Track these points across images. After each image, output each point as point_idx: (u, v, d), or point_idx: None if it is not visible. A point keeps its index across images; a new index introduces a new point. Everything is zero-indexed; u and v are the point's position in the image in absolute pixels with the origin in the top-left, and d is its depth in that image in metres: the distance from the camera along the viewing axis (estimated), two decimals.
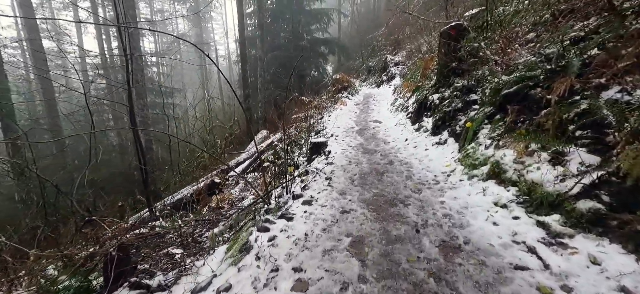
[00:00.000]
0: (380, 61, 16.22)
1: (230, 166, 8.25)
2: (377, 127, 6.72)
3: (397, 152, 4.65)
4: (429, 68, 7.47)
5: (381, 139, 5.66)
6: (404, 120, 6.60)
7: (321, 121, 9.04)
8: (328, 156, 4.70)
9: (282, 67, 16.48)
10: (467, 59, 5.14)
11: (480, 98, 4.33)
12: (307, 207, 2.87)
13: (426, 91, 6.04)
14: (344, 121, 7.96)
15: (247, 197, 5.35)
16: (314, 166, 4.40)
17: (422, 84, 6.86)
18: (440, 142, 4.53)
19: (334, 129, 6.88)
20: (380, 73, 15.35)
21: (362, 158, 4.47)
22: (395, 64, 14.37)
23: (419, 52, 12.66)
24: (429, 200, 2.93)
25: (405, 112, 7.07)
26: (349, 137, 5.99)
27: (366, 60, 20.33)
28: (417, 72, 9.27)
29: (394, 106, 8.42)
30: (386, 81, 13.86)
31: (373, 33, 21.89)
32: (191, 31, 27.38)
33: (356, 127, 7.01)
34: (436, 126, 4.90)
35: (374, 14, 26.64)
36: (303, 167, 5.11)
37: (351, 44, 25.61)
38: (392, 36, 17.76)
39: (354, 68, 21.87)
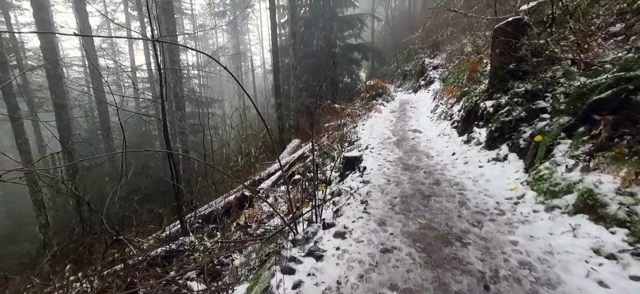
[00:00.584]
0: (417, 65, 15.27)
1: (261, 177, 8.07)
2: (417, 138, 6.04)
3: (444, 170, 3.99)
4: (477, 70, 6.62)
5: (423, 152, 5.00)
6: (449, 130, 5.85)
7: (355, 130, 8.52)
8: (363, 172, 4.18)
9: (314, 74, 16.27)
10: (530, 59, 4.32)
11: (552, 105, 3.53)
12: (339, 242, 2.39)
13: (476, 97, 5.26)
14: (380, 130, 7.36)
15: (276, 214, 5.02)
16: (348, 185, 3.92)
17: (469, 89, 6.06)
18: (498, 158, 3.79)
19: (369, 139, 6.33)
20: (417, 78, 14.42)
21: (402, 176, 3.89)
22: (434, 67, 13.39)
23: (462, 53, 11.62)
24: (495, 238, 2.29)
25: (450, 121, 6.29)
26: (385, 149, 5.40)
27: (401, 64, 19.41)
28: (461, 75, 8.37)
29: (435, 114, 7.63)
30: (424, 86, 12.93)
31: (408, 36, 20.90)
32: (229, 43, 28.54)
33: (393, 137, 6.39)
34: (492, 138, 4.14)
35: (410, 16, 25.54)
36: (335, 183, 4.65)
37: (385, 48, 24.77)
38: (429, 38, 16.71)
39: (389, 73, 21.04)
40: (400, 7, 30.58)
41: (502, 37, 4.58)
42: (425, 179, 3.71)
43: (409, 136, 6.29)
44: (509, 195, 2.96)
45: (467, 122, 5.23)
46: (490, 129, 4.25)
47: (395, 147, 5.47)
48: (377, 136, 6.63)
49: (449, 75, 10.69)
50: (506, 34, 4.53)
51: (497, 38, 4.70)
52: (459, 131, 5.44)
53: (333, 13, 17.06)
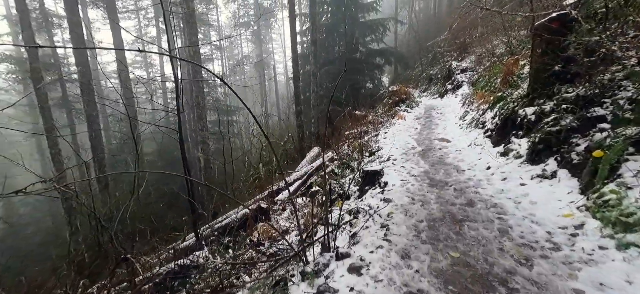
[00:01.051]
0: (443, 68, 14.50)
1: (279, 187, 7.85)
2: (444, 149, 5.51)
3: (479, 187, 3.48)
4: (513, 73, 5.96)
5: (452, 165, 4.49)
6: (481, 139, 5.26)
7: (376, 138, 8.08)
8: (384, 188, 3.77)
9: (335, 81, 16.00)
10: (580, 59, 3.72)
11: (613, 114, 2.93)
12: (354, 280, 2.03)
13: (513, 103, 4.67)
14: (403, 139, 6.88)
15: (289, 233, 4.73)
16: (367, 202, 3.53)
17: (504, 94, 5.44)
18: (544, 175, 3.22)
19: (391, 150, 5.88)
20: (443, 82, 13.66)
21: (428, 194, 3.44)
22: (462, 70, 12.59)
23: (493, 55, 10.79)
24: (552, 284, 1.81)
25: (482, 129, 5.69)
26: (409, 161, 4.94)
27: (426, 68, 18.61)
28: (493, 78, 7.67)
29: (465, 121, 7.01)
30: (451, 90, 12.18)
31: (433, 39, 20.06)
32: (253, 52, 29.15)
33: (418, 147, 5.90)
34: (535, 150, 3.57)
35: (435, 19, 24.62)
36: (354, 199, 4.27)
37: (409, 52, 24.01)
38: (456, 40, 15.85)
39: (413, 78, 20.28)
40: (425, 10, 29.64)
41: (545, 35, 4.00)
42: (456, 199, 3.23)
43: (436, 146, 5.76)
44: (563, 223, 2.43)
45: (503, 132, 4.65)
46: (532, 141, 3.67)
47: (421, 159, 4.99)
48: (400, 146, 6.16)
49: (480, 78, 9.94)
50: (550, 32, 3.95)
51: (539, 36, 4.12)
52: (493, 141, 4.85)
53: (355, 18, 16.76)
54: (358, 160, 6.09)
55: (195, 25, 8.91)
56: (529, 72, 4.71)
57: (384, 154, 5.71)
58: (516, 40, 8.60)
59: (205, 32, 27.81)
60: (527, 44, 7.88)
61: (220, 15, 26.69)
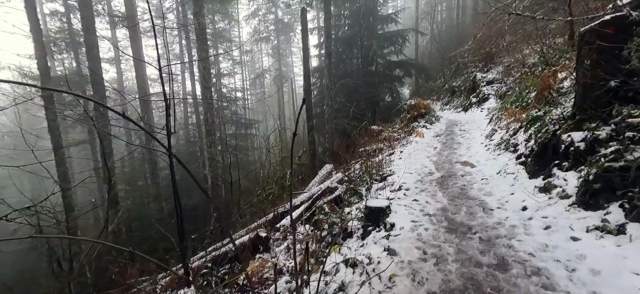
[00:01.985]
0: (467, 80, 13.44)
1: (286, 209, 7.28)
2: (468, 175, 4.67)
3: (513, 238, 2.67)
4: (550, 87, 5.04)
5: (477, 199, 3.67)
6: (513, 166, 4.38)
7: (391, 158, 7.32)
8: (390, 232, 3.05)
9: (352, 95, 15.40)
10: None
11: None
12: None
13: (554, 125, 3.79)
14: (420, 160, 6.08)
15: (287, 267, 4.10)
16: (367, 251, 2.84)
17: (541, 113, 4.54)
18: (606, 228, 2.37)
19: (404, 175, 5.12)
20: (467, 94, 12.60)
21: (446, 245, 2.68)
22: (488, 82, 11.52)
23: (524, 65, 9.70)
24: None
25: (513, 153, 4.79)
26: (424, 192, 4.17)
27: (449, 80, 17.52)
28: (525, 92, 6.70)
29: (492, 141, 6.09)
30: (476, 104, 11.13)
31: (457, 50, 18.94)
32: (272, 66, 29.39)
33: (436, 172, 5.09)
34: (589, 191, 2.71)
35: (458, 29, 23.44)
36: (356, 238, 3.58)
37: (431, 64, 22.95)
38: (482, 50, 14.73)
39: (435, 89, 19.21)
40: (447, 20, 28.48)
41: (596, 42, 3.16)
42: (483, 256, 2.46)
43: (457, 172, 4.93)
44: None
45: (541, 160, 3.77)
46: (585, 177, 2.82)
47: (438, 190, 4.21)
48: (415, 170, 5.39)
49: (509, 91, 8.91)
50: (602, 39, 3.11)
51: (588, 44, 3.28)
52: (528, 170, 3.97)
53: (373, 30, 16.20)
54: (367, 185, 5.38)
55: (205, 40, 8.75)
56: (573, 87, 3.83)
57: (395, 180, 4.97)
58: (552, 49, 7.57)
59: (227, 48, 28.51)
60: (564, 53, 6.86)
61: (241, 30, 27.23)
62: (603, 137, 2.93)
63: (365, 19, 15.99)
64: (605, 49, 3.09)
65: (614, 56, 3.04)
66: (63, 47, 11.73)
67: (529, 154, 4.16)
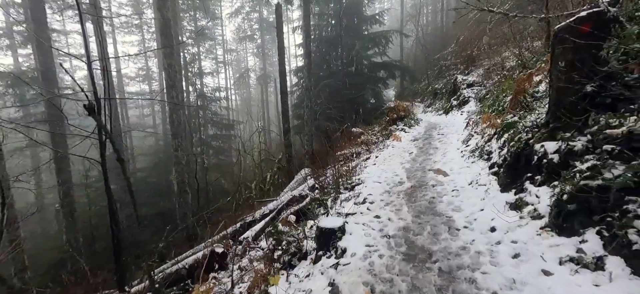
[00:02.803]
0: (449, 82, 13.24)
1: (254, 219, 6.77)
2: (439, 186, 4.28)
3: (477, 268, 2.26)
4: (526, 92, 4.72)
5: (444, 216, 3.27)
6: (485, 177, 4.01)
7: (365, 163, 6.91)
8: (340, 258, 2.60)
9: (334, 96, 14.99)
10: (628, 75, 2.50)
11: None
12: None
13: (527, 133, 3.43)
14: (393, 167, 5.68)
15: None
16: (308, 286, 2.37)
17: (514, 118, 4.20)
18: (582, 260, 1.99)
19: (373, 185, 4.70)
20: (448, 97, 12.39)
21: (399, 281, 2.23)
22: (469, 85, 11.32)
23: (503, 68, 9.51)
24: None
25: (487, 161, 4.44)
26: (389, 206, 3.75)
27: (432, 82, 17.37)
28: (502, 96, 6.41)
29: (468, 147, 5.76)
30: (456, 107, 10.89)
31: (440, 52, 18.83)
32: (256, 65, 28.73)
33: (407, 182, 4.68)
34: (563, 212, 2.33)
35: (442, 31, 23.42)
36: (310, 262, 3.11)
37: (416, 66, 22.86)
38: (463, 53, 14.60)
39: (419, 91, 19.06)
40: (433, 23, 28.51)
41: (571, 42, 2.81)
42: (441, 292, 2.03)
43: (429, 181, 4.54)
44: None
45: (514, 171, 3.40)
46: (557, 196, 2.44)
47: (405, 204, 3.79)
48: (385, 179, 4.97)
49: (488, 95, 8.67)
50: (578, 37, 2.76)
51: (562, 44, 2.92)
52: (500, 182, 3.60)
53: (357, 31, 15.84)
54: (333, 195, 4.93)
55: (170, 36, 8.12)
56: (547, 92, 3.49)
57: (362, 191, 4.53)
58: (529, 52, 7.34)
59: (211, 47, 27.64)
60: (542, 56, 6.62)
61: (224, 29, 26.46)
62: (578, 150, 2.57)
63: (349, 19, 15.62)
64: (581, 49, 2.74)
65: (591, 57, 2.68)
66: (20, 42, 10.78)
67: (501, 164, 3.79)
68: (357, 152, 8.71)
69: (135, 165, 18.84)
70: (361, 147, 8.88)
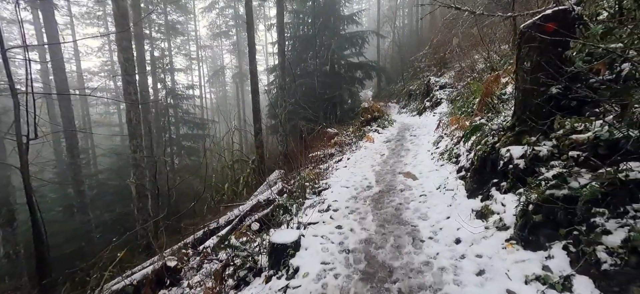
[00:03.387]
0: (422, 84, 13.35)
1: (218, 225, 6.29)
2: (407, 191, 4.07)
3: (440, 288, 2.02)
4: (493, 93, 4.65)
5: (410, 225, 3.04)
6: (453, 181, 3.85)
7: (336, 165, 6.65)
8: (289, 282, 2.27)
9: (310, 95, 14.67)
10: (594, 76, 2.38)
11: None
12: None
13: (493, 137, 3.29)
14: (363, 170, 5.45)
15: None
16: None
17: (482, 121, 4.09)
18: (549, 279, 1.79)
19: (340, 190, 4.42)
20: (422, 98, 12.47)
21: None
22: (441, 86, 11.43)
23: (473, 71, 9.64)
24: None
25: (455, 164, 4.31)
26: (353, 214, 3.48)
27: (408, 83, 17.54)
28: (471, 98, 6.39)
29: (438, 149, 5.64)
30: (429, 108, 10.95)
31: (416, 54, 19.09)
32: (231, 63, 27.80)
33: (375, 186, 4.45)
34: (529, 224, 2.14)
35: (418, 34, 23.83)
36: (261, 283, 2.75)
37: (393, 67, 23.06)
38: (436, 55, 14.81)
39: (395, 92, 19.21)
40: (408, 25, 29.00)
41: (537, 41, 2.66)
42: None
43: (398, 186, 4.33)
44: None
45: (480, 176, 3.24)
46: (523, 206, 2.26)
47: (371, 211, 3.53)
48: (353, 183, 4.71)
49: (459, 97, 8.71)
50: (543, 36, 2.62)
51: (528, 43, 2.78)
52: (467, 187, 3.44)
53: (334, 30, 15.61)
54: (299, 201, 4.60)
55: (128, 28, 7.40)
56: (513, 94, 3.36)
57: (328, 196, 4.24)
58: (497, 54, 7.41)
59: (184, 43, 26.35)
60: (510, 58, 6.68)
61: (198, 24, 25.32)
62: (544, 155, 2.41)
63: (326, 18, 15.35)
64: (546, 49, 2.59)
65: (556, 57, 2.54)
66: None
67: (469, 168, 3.64)
68: (330, 153, 8.46)
69: (96, 167, 17.44)
70: (334, 149, 8.63)
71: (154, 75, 16.43)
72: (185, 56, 25.74)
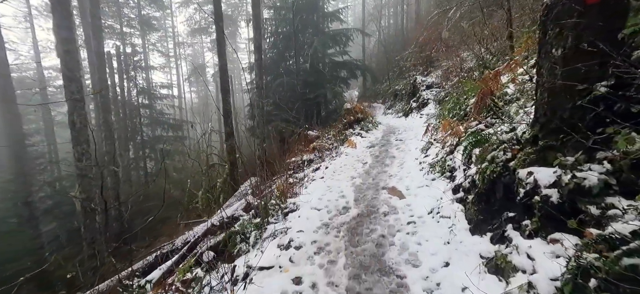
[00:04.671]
0: (408, 84, 12.63)
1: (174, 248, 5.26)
2: (392, 216, 3.19)
3: None
4: (492, 93, 3.85)
5: (395, 276, 2.15)
6: (449, 203, 3.00)
7: (313, 175, 5.73)
8: None
9: (292, 95, 13.69)
10: None
11: None
12: None
13: (505, 153, 2.45)
14: (341, 184, 4.55)
15: None
16: None
17: (480, 126, 3.27)
18: None
19: (309, 213, 3.50)
20: (408, 99, 11.74)
21: None
22: (428, 86, 10.72)
23: (461, 69, 8.95)
24: None
25: (450, 180, 3.47)
26: (320, 256, 2.56)
27: (393, 83, 16.85)
28: (463, 98, 5.61)
29: (427, 157, 4.81)
30: (416, 109, 10.22)
31: (401, 53, 18.43)
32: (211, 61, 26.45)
33: (353, 208, 3.55)
34: None
35: (404, 33, 23.25)
36: None
37: (378, 66, 22.34)
38: (422, 53, 14.15)
39: (381, 92, 18.50)
40: (394, 25, 28.45)
41: (572, 16, 1.82)
42: None
43: (381, 207, 3.44)
44: None
45: (488, 204, 2.40)
46: (572, 275, 1.41)
47: (344, 249, 2.63)
48: (327, 203, 3.80)
49: (447, 97, 7.97)
50: (581, 15, 1.78)
51: (558, 23, 1.94)
52: (470, 216, 2.59)
53: (317, 27, 14.69)
54: (262, 223, 3.65)
55: (70, 17, 6.22)
56: (535, 94, 2.53)
57: (293, 225, 3.31)
58: (490, 53, 6.67)
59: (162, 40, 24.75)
60: (504, 54, 5.96)
61: (174, 19, 23.84)
62: (593, 187, 1.57)
63: (308, 14, 14.40)
64: (589, 28, 1.76)
65: (607, 38, 1.71)
66: None
67: (469, 189, 2.79)
68: (309, 159, 7.54)
69: (60, 173, 15.81)
70: (313, 154, 7.71)
71: (120, 72, 14.99)
72: (162, 54, 24.17)
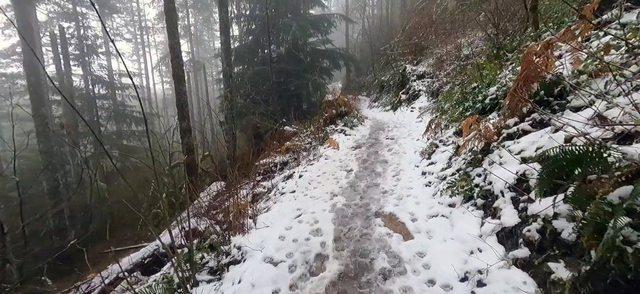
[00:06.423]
0: (397, 74, 11.37)
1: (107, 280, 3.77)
2: (397, 280, 1.85)
3: None
4: (540, 76, 2.56)
5: None
6: (499, 263, 1.70)
7: (283, 186, 4.31)
8: None
9: (269, 86, 12.07)
10: None
11: None
12: None
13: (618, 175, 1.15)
14: (316, 205, 3.16)
15: None
16: None
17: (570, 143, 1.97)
18: None
19: (260, 270, 2.10)
20: (396, 90, 10.47)
21: None
22: (419, 76, 9.49)
23: (458, 58, 7.74)
24: None
25: (485, 213, 2.18)
26: None
27: (379, 74, 15.57)
28: (476, 88, 4.32)
29: (433, 165, 3.51)
30: (406, 102, 8.97)
31: (387, 43, 17.16)
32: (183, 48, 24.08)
33: (331, 258, 2.17)
34: None
35: (388, 22, 21.97)
36: None
37: (363, 57, 21.01)
38: (410, 42, 12.91)
39: (366, 84, 17.19)
40: (379, 14, 27.13)
41: None
42: None
43: (376, 260, 2.09)
44: None
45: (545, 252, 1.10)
46: None
47: None
48: (293, 243, 2.40)
49: (444, 87, 6.72)
50: None
51: None
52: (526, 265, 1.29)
53: (295, 11, 13.06)
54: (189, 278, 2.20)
55: None
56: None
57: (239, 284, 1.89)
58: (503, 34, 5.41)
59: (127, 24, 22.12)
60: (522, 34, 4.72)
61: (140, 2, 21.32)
62: None
63: None
64: None
65: None
66: None
67: (537, 244, 1.48)
68: (282, 161, 6.10)
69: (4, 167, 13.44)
70: (288, 155, 6.27)
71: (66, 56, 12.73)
72: (127, 41, 21.63)
